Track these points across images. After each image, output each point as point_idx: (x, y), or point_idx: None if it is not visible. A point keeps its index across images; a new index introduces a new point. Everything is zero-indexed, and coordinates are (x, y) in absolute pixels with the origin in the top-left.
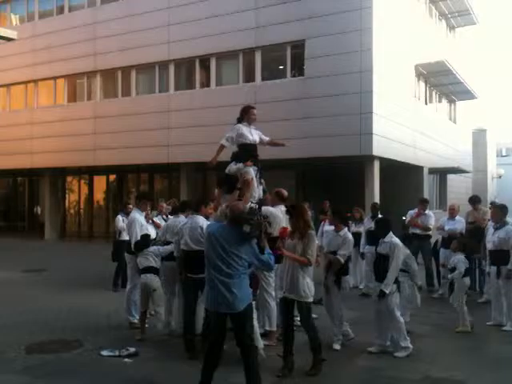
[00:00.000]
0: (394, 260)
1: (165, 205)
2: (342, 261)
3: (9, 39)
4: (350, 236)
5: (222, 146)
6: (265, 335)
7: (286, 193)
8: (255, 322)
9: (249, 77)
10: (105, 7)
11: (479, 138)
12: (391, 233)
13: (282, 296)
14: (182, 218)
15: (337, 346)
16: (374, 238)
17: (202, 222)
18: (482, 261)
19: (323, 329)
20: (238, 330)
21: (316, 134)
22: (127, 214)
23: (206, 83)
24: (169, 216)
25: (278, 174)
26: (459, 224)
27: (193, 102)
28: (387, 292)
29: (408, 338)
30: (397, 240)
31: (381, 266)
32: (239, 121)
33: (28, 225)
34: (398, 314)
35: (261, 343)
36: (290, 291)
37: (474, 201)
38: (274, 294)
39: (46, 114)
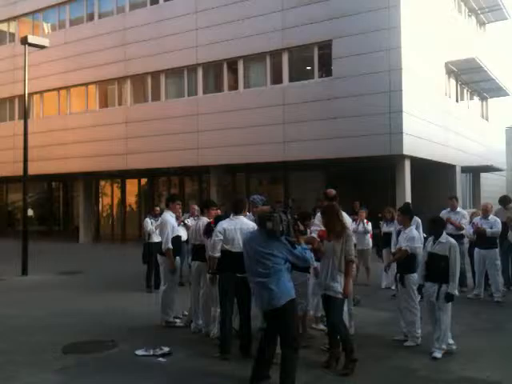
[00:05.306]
0: (457, 260)
1: (196, 207)
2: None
3: (41, 47)
4: (415, 233)
5: None
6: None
7: (333, 192)
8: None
9: (276, 78)
10: (133, 13)
11: None
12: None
13: (322, 293)
14: (204, 219)
15: (409, 343)
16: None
17: (248, 221)
18: None
19: (359, 328)
20: (280, 329)
21: (345, 134)
22: (155, 216)
23: (234, 86)
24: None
25: (307, 175)
26: (493, 223)
27: (221, 105)
28: (456, 294)
29: None
30: (453, 240)
31: (435, 266)
32: None
33: (63, 228)
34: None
35: None
36: (328, 288)
37: (505, 201)
38: None
39: (79, 120)
